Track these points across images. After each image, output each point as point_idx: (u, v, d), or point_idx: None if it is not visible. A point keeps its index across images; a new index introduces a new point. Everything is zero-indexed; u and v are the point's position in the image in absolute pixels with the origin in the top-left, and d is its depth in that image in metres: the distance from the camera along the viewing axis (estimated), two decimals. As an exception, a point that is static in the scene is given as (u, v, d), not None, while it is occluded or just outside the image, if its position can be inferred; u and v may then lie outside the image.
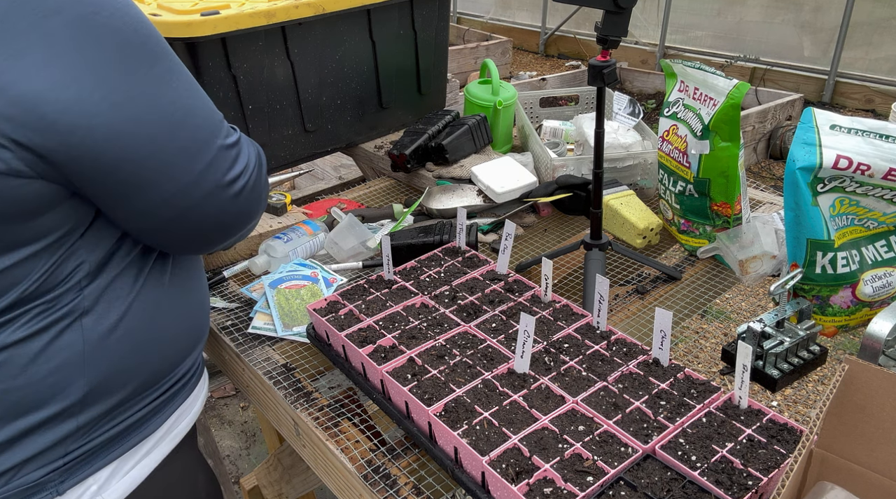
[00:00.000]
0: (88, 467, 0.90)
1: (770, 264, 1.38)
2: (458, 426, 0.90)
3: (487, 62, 1.99)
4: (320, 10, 1.70)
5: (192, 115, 0.85)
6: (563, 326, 1.10)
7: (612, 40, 1.18)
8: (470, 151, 1.84)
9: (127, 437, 0.94)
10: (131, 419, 0.94)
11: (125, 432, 0.93)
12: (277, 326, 1.25)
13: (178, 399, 1.02)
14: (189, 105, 0.84)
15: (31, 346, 0.81)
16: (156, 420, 0.98)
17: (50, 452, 0.85)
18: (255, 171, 0.94)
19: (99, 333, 0.86)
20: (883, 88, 5.20)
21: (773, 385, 1.09)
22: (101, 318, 0.86)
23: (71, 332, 0.84)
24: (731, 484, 0.81)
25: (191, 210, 0.87)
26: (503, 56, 6.42)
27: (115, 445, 0.92)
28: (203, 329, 1.07)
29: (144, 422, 0.96)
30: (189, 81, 0.86)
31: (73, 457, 0.88)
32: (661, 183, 1.55)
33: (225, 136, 0.89)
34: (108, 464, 0.92)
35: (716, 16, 6.03)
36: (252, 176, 0.92)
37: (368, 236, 1.50)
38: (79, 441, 0.88)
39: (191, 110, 0.85)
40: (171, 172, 0.83)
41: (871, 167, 1.10)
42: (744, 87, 1.31)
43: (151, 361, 0.94)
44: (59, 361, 0.83)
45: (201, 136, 0.85)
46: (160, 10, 1.59)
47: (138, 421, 0.95)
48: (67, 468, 0.87)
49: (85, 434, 0.88)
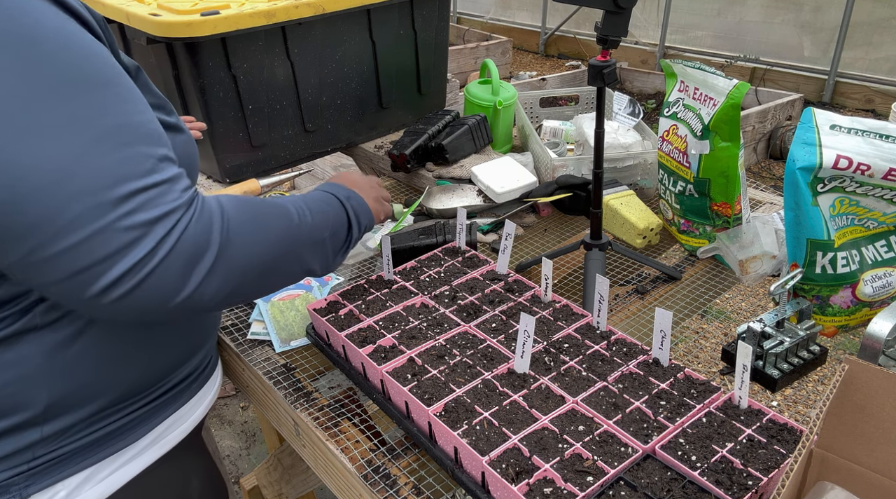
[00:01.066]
0: (58, 473, 0.88)
1: (770, 264, 1.38)
2: (458, 426, 0.90)
3: (487, 62, 1.99)
4: (320, 10, 1.70)
5: (72, 183, 0.68)
6: (563, 326, 1.10)
7: (612, 40, 1.18)
8: (470, 151, 1.84)
9: (103, 445, 0.92)
10: (108, 429, 0.91)
11: (101, 440, 0.91)
12: (275, 343, 1.24)
13: (169, 408, 0.99)
14: (74, 170, 0.68)
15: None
16: (140, 429, 0.95)
17: (14, 457, 0.85)
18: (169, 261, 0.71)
19: (55, 346, 0.83)
20: (883, 88, 5.20)
21: (773, 385, 1.09)
22: (56, 332, 0.83)
23: (26, 344, 0.81)
24: (731, 484, 0.81)
25: (55, 291, 0.72)
26: (503, 56, 6.41)
27: (88, 452, 0.90)
28: (198, 340, 1.04)
29: (125, 431, 0.94)
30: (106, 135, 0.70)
31: (40, 462, 0.86)
32: (661, 183, 1.55)
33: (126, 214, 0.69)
34: (80, 471, 0.90)
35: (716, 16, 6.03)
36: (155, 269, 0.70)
37: (368, 236, 1.50)
38: (46, 448, 0.86)
39: (74, 176, 0.68)
40: (24, 239, 0.68)
41: (871, 167, 1.10)
42: (744, 87, 1.31)
43: (128, 375, 0.91)
44: (15, 374, 0.82)
45: (70, 211, 0.68)
46: (160, 10, 1.59)
47: (117, 430, 0.93)
48: (33, 473, 0.86)
49: (52, 442, 0.87)
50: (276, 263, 0.85)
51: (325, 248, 0.95)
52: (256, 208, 0.84)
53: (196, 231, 0.74)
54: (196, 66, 1.58)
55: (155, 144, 0.75)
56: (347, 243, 1.02)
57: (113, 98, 0.72)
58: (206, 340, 1.07)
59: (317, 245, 0.93)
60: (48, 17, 0.70)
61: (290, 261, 0.88)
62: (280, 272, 0.87)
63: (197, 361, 1.05)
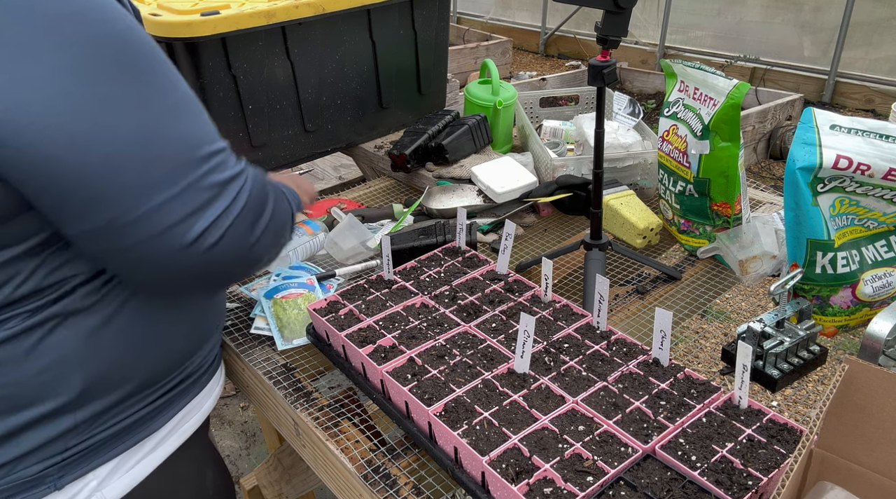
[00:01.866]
0: (88, 463, 0.90)
1: (770, 264, 1.38)
2: (458, 426, 0.90)
3: (487, 62, 1.99)
4: (320, 10, 1.70)
5: (158, 145, 0.75)
6: (563, 326, 1.10)
7: (612, 40, 1.18)
8: (470, 151, 1.84)
9: (129, 434, 0.94)
10: (134, 417, 0.93)
11: (128, 429, 0.93)
12: (277, 340, 1.24)
13: (185, 397, 1.02)
14: (158, 133, 0.76)
15: (23, 343, 0.81)
16: (161, 418, 0.98)
17: (48, 447, 0.86)
18: (241, 217, 0.81)
19: (91, 330, 0.85)
20: (883, 88, 5.20)
21: (773, 385, 1.09)
22: (92, 316, 0.85)
23: (63, 329, 0.83)
24: (731, 484, 0.81)
25: (138, 252, 0.77)
26: (503, 56, 6.41)
27: (116, 441, 0.92)
28: (211, 327, 1.06)
29: (148, 419, 0.96)
30: (176, 105, 0.78)
31: (73, 453, 0.88)
32: (661, 183, 1.55)
33: (205, 173, 0.78)
34: (109, 460, 0.92)
35: (716, 16, 6.03)
36: (233, 224, 0.80)
37: (368, 236, 1.50)
38: (78, 437, 0.88)
39: (159, 138, 0.75)
40: (111, 202, 0.74)
41: (871, 167, 1.10)
42: (744, 87, 1.31)
43: (151, 360, 0.94)
44: (51, 359, 0.83)
45: (159, 170, 0.75)
46: (160, 10, 1.59)
47: (142, 418, 0.95)
48: (66, 464, 0.88)
49: (84, 431, 0.88)
50: (290, 223, 0.96)
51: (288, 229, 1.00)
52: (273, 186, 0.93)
53: (256, 193, 0.84)
54: (196, 66, 1.58)
55: (206, 114, 0.83)
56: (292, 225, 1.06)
57: (170, 76, 0.79)
58: (214, 331, 1.08)
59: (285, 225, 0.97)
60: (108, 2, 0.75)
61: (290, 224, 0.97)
62: (286, 234, 0.95)
63: (206, 351, 1.06)
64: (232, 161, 0.83)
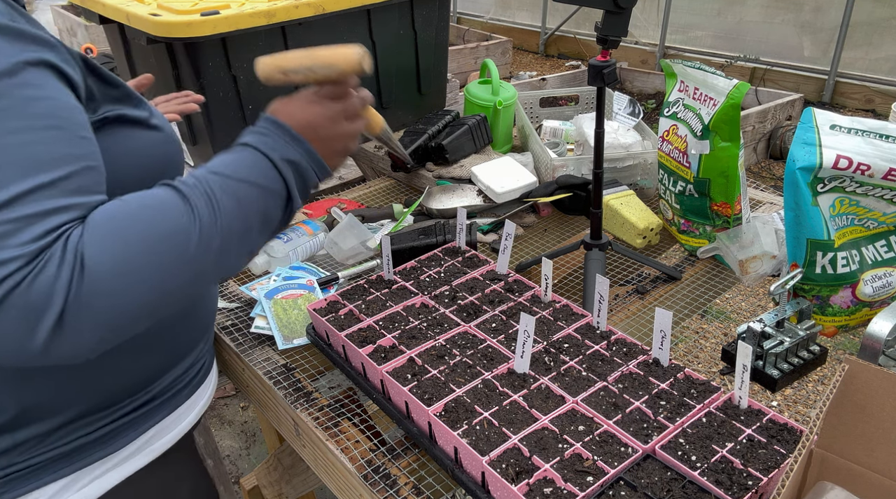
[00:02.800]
0: (35, 480, 0.87)
1: (770, 264, 1.38)
2: (458, 426, 0.90)
3: (487, 62, 1.99)
4: (320, 10, 1.70)
5: None
6: (563, 326, 1.10)
7: (612, 40, 1.18)
8: (470, 151, 1.84)
9: (84, 453, 0.90)
10: (87, 437, 0.90)
11: (81, 448, 0.90)
12: (278, 340, 1.24)
13: (153, 417, 0.96)
14: None
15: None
16: (122, 438, 0.93)
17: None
18: (29, 283, 0.63)
19: None
20: (883, 88, 5.20)
21: (773, 385, 1.09)
22: None
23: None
24: (731, 484, 0.81)
25: None
26: (503, 56, 6.41)
27: (69, 460, 0.89)
28: (183, 347, 1.00)
29: (107, 440, 0.92)
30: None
31: (16, 470, 0.85)
32: (661, 183, 1.55)
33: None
34: (60, 478, 0.88)
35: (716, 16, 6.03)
36: (19, 288, 0.63)
37: (368, 236, 1.50)
38: (22, 456, 0.86)
39: None
40: None
41: (871, 167, 1.10)
42: (744, 87, 1.31)
43: (102, 383, 0.89)
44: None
45: None
46: (160, 10, 1.59)
47: (99, 439, 0.91)
48: (9, 480, 0.85)
49: (26, 450, 0.86)
50: (163, 298, 0.72)
51: (245, 245, 0.79)
52: (132, 241, 0.69)
53: (31, 289, 0.64)
54: (196, 66, 1.58)
55: (30, 170, 0.66)
56: (286, 219, 0.84)
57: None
58: (192, 346, 1.03)
59: (229, 251, 0.76)
60: None
61: (185, 287, 0.74)
62: (174, 300, 0.74)
63: (183, 367, 1.01)
64: (13, 241, 0.64)
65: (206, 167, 0.78)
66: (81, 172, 0.71)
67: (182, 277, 0.72)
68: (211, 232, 0.73)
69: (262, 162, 0.80)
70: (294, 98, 0.88)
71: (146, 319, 0.72)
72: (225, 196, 0.75)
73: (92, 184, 0.72)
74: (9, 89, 0.66)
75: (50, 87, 0.70)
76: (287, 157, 0.81)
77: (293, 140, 0.82)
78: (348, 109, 0.88)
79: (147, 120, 0.88)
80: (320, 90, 0.88)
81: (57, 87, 0.71)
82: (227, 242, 0.75)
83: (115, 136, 0.82)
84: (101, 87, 0.83)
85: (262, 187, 0.79)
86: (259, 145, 0.81)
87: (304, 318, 1.29)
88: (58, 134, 0.69)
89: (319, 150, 0.85)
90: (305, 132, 0.84)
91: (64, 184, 0.68)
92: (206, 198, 0.74)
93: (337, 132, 0.87)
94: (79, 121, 0.73)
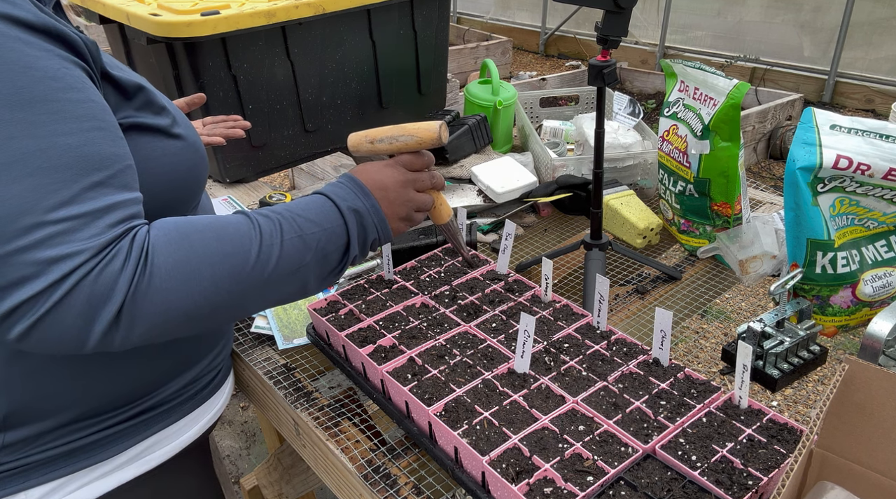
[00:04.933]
0: (21, 482, 0.87)
1: (770, 264, 1.38)
2: (459, 426, 0.90)
3: (487, 62, 1.99)
4: (320, 10, 1.70)
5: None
6: (563, 326, 1.10)
7: (613, 40, 1.18)
8: (470, 151, 1.84)
9: (73, 459, 0.89)
10: (79, 443, 0.89)
11: (72, 453, 0.89)
12: (278, 340, 1.24)
13: (151, 426, 0.95)
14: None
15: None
16: (116, 446, 0.92)
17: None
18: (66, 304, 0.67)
19: (12, 355, 0.81)
20: (883, 88, 5.20)
21: (773, 385, 1.09)
22: (3, 346, 0.80)
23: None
24: (731, 484, 0.81)
25: None
26: (503, 56, 6.41)
27: (55, 464, 0.88)
28: (190, 357, 0.99)
29: (99, 447, 0.91)
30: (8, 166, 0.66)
31: (3, 470, 0.85)
32: (661, 183, 1.55)
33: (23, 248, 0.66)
34: (45, 482, 0.88)
35: (716, 16, 6.03)
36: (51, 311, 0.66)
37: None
38: (9, 457, 0.86)
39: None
40: None
41: (871, 167, 1.10)
42: (744, 87, 1.31)
43: (97, 388, 0.89)
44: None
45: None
46: (160, 10, 1.59)
47: (90, 445, 0.90)
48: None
49: (14, 451, 0.86)
50: (213, 310, 0.76)
51: (299, 279, 0.82)
52: (197, 249, 0.74)
53: (98, 280, 0.67)
54: (196, 66, 1.58)
55: (86, 169, 0.70)
56: (342, 266, 0.88)
57: (40, 117, 0.68)
58: (202, 356, 1.02)
59: (283, 280, 0.81)
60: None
61: (234, 305, 0.78)
62: (221, 315, 0.78)
63: (188, 378, 1.00)
64: (82, 234, 0.68)
65: (280, 205, 0.85)
66: (125, 170, 0.75)
67: (233, 294, 0.76)
68: (268, 257, 0.78)
69: (329, 207, 0.86)
70: (375, 162, 0.96)
71: (190, 327, 0.76)
72: (290, 228, 0.81)
73: (133, 181, 0.76)
74: (56, 93, 0.70)
75: (89, 90, 0.74)
76: (353, 206, 0.87)
77: (363, 194, 0.89)
78: (418, 180, 0.96)
79: (168, 128, 0.89)
80: (399, 158, 0.97)
81: (93, 90, 0.75)
82: (281, 270, 0.80)
83: (133, 143, 0.83)
84: (116, 95, 0.83)
85: (325, 229, 0.84)
86: (331, 194, 0.88)
87: (305, 317, 1.29)
88: (102, 134, 0.73)
89: (385, 209, 0.91)
90: (375, 191, 0.90)
91: (114, 181, 0.73)
92: (271, 225, 0.80)
93: (404, 197, 0.93)
94: (114, 121, 0.77)
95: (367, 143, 1.00)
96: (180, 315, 0.73)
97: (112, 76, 0.82)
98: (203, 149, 0.97)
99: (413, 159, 0.96)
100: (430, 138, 0.95)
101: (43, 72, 0.69)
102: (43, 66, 0.69)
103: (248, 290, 0.77)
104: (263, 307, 0.83)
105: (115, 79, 0.83)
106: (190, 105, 1.40)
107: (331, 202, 0.87)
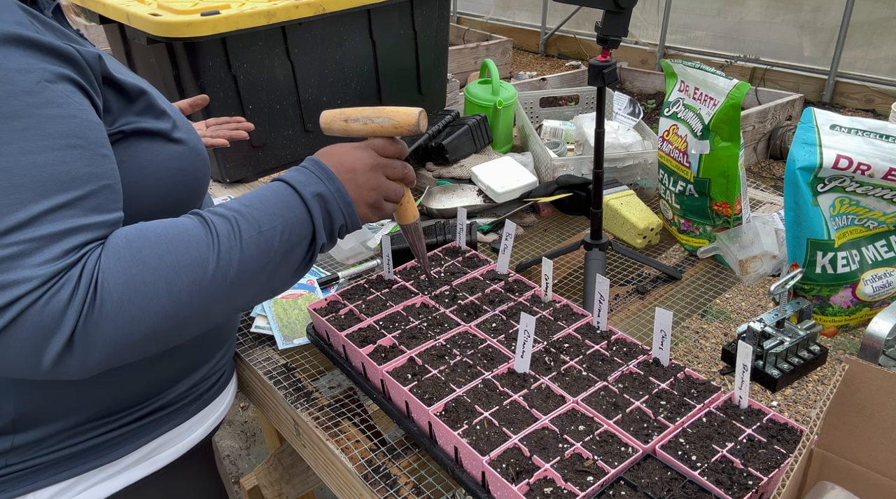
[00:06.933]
0: (29, 483, 0.87)
1: (770, 264, 1.38)
2: (459, 426, 0.90)
3: (487, 62, 1.99)
4: (320, 10, 1.70)
5: None
6: (564, 326, 1.10)
7: (613, 40, 1.18)
8: (470, 151, 1.84)
9: (82, 459, 0.90)
10: (87, 443, 0.90)
11: (80, 454, 0.90)
12: (278, 340, 1.24)
13: (158, 428, 0.96)
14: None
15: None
16: (123, 447, 0.93)
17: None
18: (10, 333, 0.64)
19: None
20: (883, 88, 5.20)
21: (773, 385, 1.09)
22: None
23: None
24: (732, 484, 0.81)
25: None
26: (503, 56, 6.41)
27: (64, 465, 0.89)
28: (195, 359, 0.99)
29: (107, 448, 0.92)
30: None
31: (12, 471, 0.86)
32: (662, 183, 1.55)
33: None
34: (55, 482, 0.88)
35: (716, 16, 6.03)
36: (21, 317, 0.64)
37: (369, 236, 1.50)
38: (18, 457, 0.86)
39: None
40: None
41: (871, 167, 1.10)
42: (744, 87, 1.31)
43: (105, 391, 0.89)
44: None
45: None
46: (160, 10, 1.59)
47: (98, 446, 0.91)
48: (5, 480, 0.86)
49: (24, 453, 0.86)
50: (177, 325, 0.73)
51: (266, 277, 0.79)
52: (150, 266, 0.70)
53: (45, 311, 0.65)
54: (196, 66, 1.58)
55: (50, 190, 0.67)
56: (311, 257, 0.84)
57: (8, 134, 0.65)
58: (208, 357, 1.02)
59: (249, 282, 0.77)
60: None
61: (200, 316, 0.75)
62: (188, 329, 0.75)
63: (195, 379, 1.01)
64: (30, 261, 0.65)
65: (237, 199, 0.80)
66: (100, 191, 0.71)
67: (195, 306, 0.73)
68: (228, 262, 0.74)
69: (290, 195, 0.81)
70: (343, 144, 0.90)
71: (156, 346, 0.73)
72: (248, 226, 0.76)
73: (109, 202, 0.73)
74: (30, 109, 0.67)
75: (72, 105, 0.71)
76: (316, 191, 0.82)
77: (327, 178, 0.84)
78: (390, 166, 0.90)
79: (168, 132, 0.88)
80: (371, 141, 0.91)
81: (78, 104, 0.72)
82: (245, 273, 0.76)
83: (133, 149, 0.82)
84: (119, 100, 0.82)
85: (287, 220, 0.79)
86: (291, 180, 0.83)
87: (305, 317, 1.29)
88: (78, 152, 0.70)
89: (352, 193, 0.85)
90: (343, 174, 0.85)
91: (83, 203, 0.69)
92: (228, 227, 0.75)
93: (373, 182, 0.88)
94: (99, 138, 0.73)
95: (340, 120, 0.93)
96: (140, 337, 0.70)
97: (115, 80, 0.81)
98: (205, 152, 0.97)
99: (386, 145, 0.91)
100: (408, 124, 0.89)
101: (18, 86, 0.66)
102: (19, 80, 0.66)
103: (212, 299, 0.74)
104: (236, 312, 0.80)
105: (118, 82, 0.82)
106: (193, 107, 1.39)
107: (291, 189, 0.82)
